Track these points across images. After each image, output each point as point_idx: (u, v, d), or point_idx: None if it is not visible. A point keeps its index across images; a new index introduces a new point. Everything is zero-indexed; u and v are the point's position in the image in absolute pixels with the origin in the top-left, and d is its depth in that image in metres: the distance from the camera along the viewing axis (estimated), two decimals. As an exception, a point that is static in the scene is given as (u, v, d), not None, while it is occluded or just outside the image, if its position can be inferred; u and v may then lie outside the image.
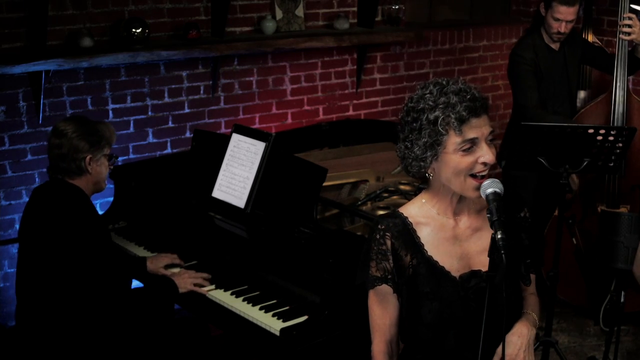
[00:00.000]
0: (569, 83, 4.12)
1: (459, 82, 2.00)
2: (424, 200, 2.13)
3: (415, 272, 2.07)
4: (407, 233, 2.08)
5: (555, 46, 4.06)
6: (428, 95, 1.97)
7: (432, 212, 2.11)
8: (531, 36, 4.07)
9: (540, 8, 4.00)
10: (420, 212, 2.12)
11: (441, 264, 2.07)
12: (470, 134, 1.95)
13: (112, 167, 2.97)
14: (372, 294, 2.14)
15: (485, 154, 1.97)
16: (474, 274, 2.07)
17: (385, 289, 2.10)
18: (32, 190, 2.94)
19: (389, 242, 2.07)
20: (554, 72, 4.05)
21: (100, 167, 2.87)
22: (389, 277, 2.08)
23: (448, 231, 2.10)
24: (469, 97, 1.94)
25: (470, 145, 1.96)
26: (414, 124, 1.99)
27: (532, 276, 2.22)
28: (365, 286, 2.13)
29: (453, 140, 1.96)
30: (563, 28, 3.93)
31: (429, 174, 2.05)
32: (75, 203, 2.78)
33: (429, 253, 2.08)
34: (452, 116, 1.93)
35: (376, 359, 2.16)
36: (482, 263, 2.06)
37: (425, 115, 1.96)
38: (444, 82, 2.00)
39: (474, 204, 2.11)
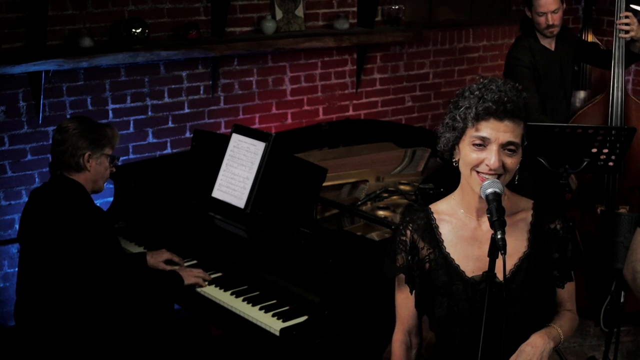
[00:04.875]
0: (565, 83, 4.11)
1: (506, 83, 2.04)
2: (454, 197, 2.16)
3: (432, 267, 2.11)
4: (429, 228, 2.13)
5: (551, 46, 4.03)
6: (475, 85, 2.05)
7: (458, 209, 2.14)
8: (526, 38, 4.04)
9: (526, 12, 4.00)
10: (447, 208, 2.16)
11: (457, 262, 2.10)
12: (482, 132, 1.99)
13: (113, 168, 2.97)
14: (396, 283, 2.20)
15: (491, 158, 1.98)
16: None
17: (404, 278, 2.15)
18: (30, 192, 2.95)
19: (408, 233, 2.13)
20: (552, 72, 4.04)
21: (99, 166, 2.87)
22: (406, 268, 2.13)
23: (468, 231, 2.12)
24: (496, 97, 1.98)
25: (481, 143, 2.00)
26: (451, 107, 2.08)
27: (570, 289, 2.20)
28: (385, 274, 2.18)
29: (469, 133, 2.01)
30: (550, 20, 3.90)
31: (455, 162, 2.09)
32: (75, 197, 2.79)
33: (447, 250, 2.11)
34: (473, 110, 1.99)
35: (393, 347, 2.23)
36: (497, 268, 2.06)
37: (460, 103, 2.04)
38: (496, 79, 2.06)
39: None
